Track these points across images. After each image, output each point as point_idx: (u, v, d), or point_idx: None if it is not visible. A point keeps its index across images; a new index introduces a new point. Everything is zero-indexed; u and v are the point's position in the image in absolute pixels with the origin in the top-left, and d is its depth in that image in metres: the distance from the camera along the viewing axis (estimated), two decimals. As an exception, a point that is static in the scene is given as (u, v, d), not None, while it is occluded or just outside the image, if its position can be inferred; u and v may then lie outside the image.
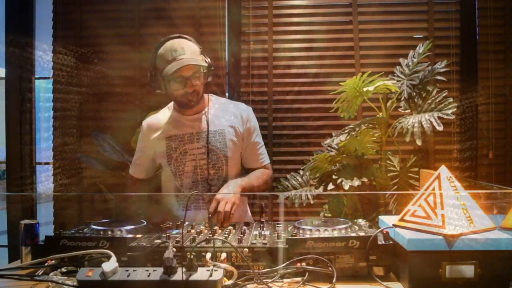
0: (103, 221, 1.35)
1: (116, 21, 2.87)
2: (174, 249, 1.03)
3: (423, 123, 2.18)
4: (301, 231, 1.18)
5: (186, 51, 1.62)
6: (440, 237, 1.04)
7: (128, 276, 0.96)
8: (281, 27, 2.82)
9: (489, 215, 1.12)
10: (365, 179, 2.23)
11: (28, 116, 2.95)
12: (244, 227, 1.34)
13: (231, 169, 1.74)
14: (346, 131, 2.33)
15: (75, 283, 0.99)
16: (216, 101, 1.83)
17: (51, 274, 1.09)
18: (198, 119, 1.75)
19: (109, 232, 1.21)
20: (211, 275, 0.95)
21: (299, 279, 1.07)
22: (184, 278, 0.94)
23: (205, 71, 1.66)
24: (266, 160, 1.85)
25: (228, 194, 1.53)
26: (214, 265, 1.01)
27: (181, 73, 1.61)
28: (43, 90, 3.26)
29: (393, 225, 1.17)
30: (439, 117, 2.18)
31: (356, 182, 2.21)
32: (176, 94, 1.67)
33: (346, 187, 2.19)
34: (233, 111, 1.80)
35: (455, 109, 2.20)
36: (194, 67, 1.62)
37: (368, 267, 1.10)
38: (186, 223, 1.38)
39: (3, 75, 2.95)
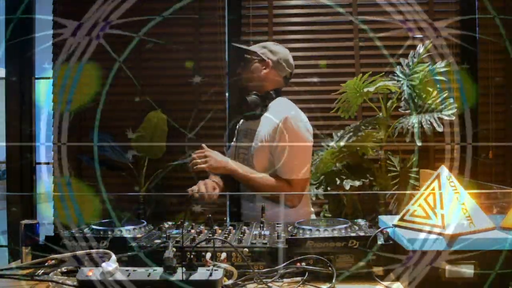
0: (103, 221, 1.34)
1: (115, 21, 2.86)
2: (174, 249, 1.03)
3: (423, 123, 2.18)
4: (301, 231, 1.18)
5: (261, 44, 1.84)
6: (440, 237, 1.04)
7: (128, 276, 0.96)
8: (281, 27, 2.82)
9: (489, 215, 1.12)
10: (366, 180, 2.24)
11: (28, 116, 2.95)
12: (244, 227, 1.34)
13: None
14: (346, 132, 2.34)
15: (75, 283, 0.99)
16: (276, 104, 1.78)
17: (51, 274, 1.09)
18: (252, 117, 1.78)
19: (109, 232, 1.21)
20: (211, 275, 0.95)
21: (299, 279, 1.07)
22: (184, 278, 0.94)
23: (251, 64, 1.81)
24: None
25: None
26: (214, 265, 1.01)
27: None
28: (43, 90, 3.26)
29: (393, 225, 1.17)
30: (439, 118, 2.18)
31: (358, 183, 2.22)
32: None
33: (347, 187, 2.20)
34: (275, 116, 1.72)
35: (455, 110, 2.20)
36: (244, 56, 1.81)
37: (368, 267, 1.10)
38: (186, 222, 1.38)
39: (3, 75, 2.95)
